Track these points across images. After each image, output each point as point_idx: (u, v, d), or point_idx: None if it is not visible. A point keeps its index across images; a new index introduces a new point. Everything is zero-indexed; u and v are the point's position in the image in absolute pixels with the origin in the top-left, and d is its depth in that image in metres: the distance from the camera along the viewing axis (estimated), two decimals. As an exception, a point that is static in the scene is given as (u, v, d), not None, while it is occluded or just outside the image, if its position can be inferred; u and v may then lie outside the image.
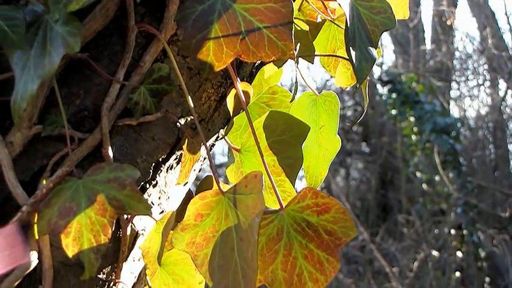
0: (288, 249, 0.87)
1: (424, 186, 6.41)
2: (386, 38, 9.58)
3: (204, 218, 0.85)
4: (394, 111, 6.59)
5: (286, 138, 1.09)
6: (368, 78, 1.06)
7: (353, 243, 6.76)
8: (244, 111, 1.16)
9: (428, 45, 9.46)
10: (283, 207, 0.88)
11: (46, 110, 0.83)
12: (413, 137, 6.43)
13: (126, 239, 0.87)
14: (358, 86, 0.95)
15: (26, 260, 0.78)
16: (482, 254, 5.74)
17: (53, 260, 0.81)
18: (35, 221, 0.79)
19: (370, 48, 0.97)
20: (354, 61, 0.93)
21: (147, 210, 0.80)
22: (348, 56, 0.93)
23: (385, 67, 8.87)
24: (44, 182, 0.80)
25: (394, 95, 6.55)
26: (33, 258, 0.79)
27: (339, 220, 0.84)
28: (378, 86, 7.60)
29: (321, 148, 1.16)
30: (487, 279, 5.69)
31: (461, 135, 6.35)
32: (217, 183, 0.87)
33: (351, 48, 0.93)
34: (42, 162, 0.83)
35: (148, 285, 1.03)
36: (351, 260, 6.76)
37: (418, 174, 6.56)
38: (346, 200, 7.24)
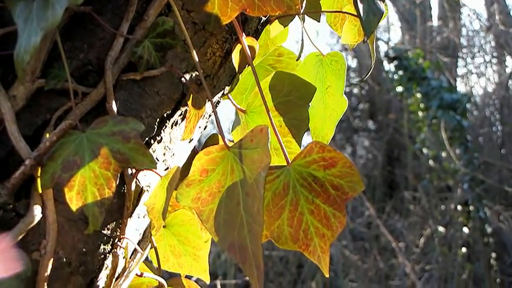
0: (294, 204, 0.87)
1: (431, 162, 6.39)
2: (393, 15, 9.51)
3: (209, 173, 0.84)
4: (400, 88, 6.56)
5: (292, 99, 1.08)
6: (375, 34, 1.04)
7: (360, 220, 6.77)
8: (248, 70, 1.15)
9: (435, 21, 9.39)
10: (289, 162, 0.87)
11: (49, 64, 0.82)
12: (420, 114, 6.40)
13: (131, 194, 0.86)
14: (365, 39, 0.94)
15: (18, 270, 0.77)
16: (489, 229, 5.73)
17: (56, 215, 0.80)
18: (38, 174, 0.79)
19: (378, 1, 0.95)
20: (362, 14, 0.91)
21: (151, 163, 0.80)
22: (356, 9, 0.92)
23: (391, 44, 8.82)
24: (47, 135, 0.80)
25: (400, 72, 6.51)
26: (37, 212, 0.78)
27: (345, 174, 0.83)
28: (384, 62, 7.56)
29: (328, 108, 1.15)
30: (493, 254, 5.68)
31: (468, 112, 6.31)
32: (223, 138, 0.86)
33: (358, 1, 0.92)
34: (45, 117, 0.82)
35: (153, 244, 1.03)
36: (357, 237, 6.76)
37: (425, 150, 6.54)
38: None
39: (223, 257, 5.88)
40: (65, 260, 0.82)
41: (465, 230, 5.87)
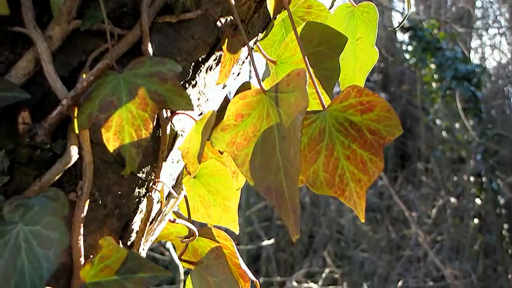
0: (330, 149, 0.86)
1: (444, 133, 6.37)
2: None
3: (244, 117, 0.84)
4: (414, 59, 6.51)
5: (323, 49, 1.07)
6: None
7: (371, 190, 6.77)
8: (278, 23, 1.14)
9: (449, -8, 9.28)
10: (326, 107, 0.86)
11: (85, 4, 0.81)
12: (434, 85, 6.36)
13: (166, 138, 0.86)
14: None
15: None
16: (501, 201, 5.73)
17: (92, 157, 0.80)
18: (75, 115, 0.78)
19: None
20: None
21: (188, 105, 0.79)
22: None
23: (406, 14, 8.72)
24: (84, 75, 0.79)
25: (414, 42, 6.46)
26: (74, 153, 0.78)
27: (383, 118, 0.83)
28: (398, 33, 7.50)
29: (358, 60, 1.13)
30: (506, 226, 5.68)
31: (482, 83, 6.26)
32: (259, 81, 0.85)
33: None
34: (81, 58, 0.81)
35: (184, 193, 1.03)
36: (368, 208, 6.77)
37: (438, 121, 6.52)
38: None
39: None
40: (100, 202, 0.82)
41: (477, 201, 5.86)
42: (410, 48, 6.63)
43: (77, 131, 0.78)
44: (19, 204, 0.72)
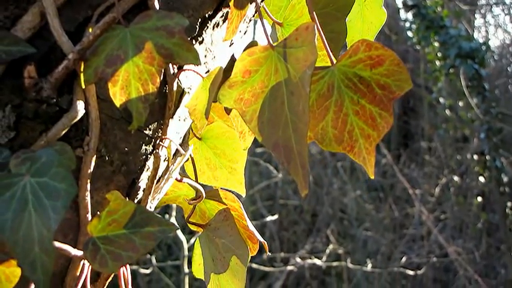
0: (338, 105, 0.85)
1: (447, 112, 6.35)
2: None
3: (252, 74, 0.83)
4: (417, 37, 6.48)
5: (330, 10, 1.06)
6: None
7: (375, 169, 6.76)
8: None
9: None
10: (334, 63, 0.85)
11: (89, -42, 0.80)
12: (438, 63, 6.33)
13: (173, 94, 0.85)
14: None
15: None
16: (505, 179, 5.72)
17: (99, 113, 0.79)
18: (81, 70, 0.77)
19: None
20: None
21: (195, 59, 0.78)
22: None
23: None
24: (90, 30, 0.78)
25: (418, 21, 6.42)
26: (80, 108, 0.77)
27: (393, 73, 0.81)
28: (402, 11, 7.46)
29: (365, 22, 1.12)
30: (509, 204, 5.68)
31: (486, 61, 6.23)
32: (267, 36, 0.84)
33: None
34: (87, 13, 0.80)
35: (190, 151, 1.02)
36: (371, 187, 6.77)
37: (442, 100, 6.49)
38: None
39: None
40: (107, 158, 0.81)
41: (481, 179, 5.86)
42: (413, 26, 6.59)
43: (83, 86, 0.78)
44: (26, 157, 0.71)
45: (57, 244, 0.72)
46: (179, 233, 3.27)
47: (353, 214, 6.22)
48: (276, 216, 4.72)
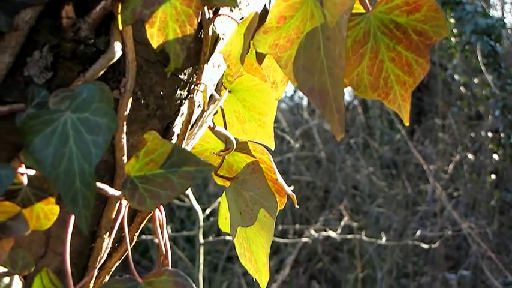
0: (374, 52, 0.85)
1: (462, 89, 6.31)
2: None
3: (287, 20, 0.82)
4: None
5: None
6: None
7: (387, 146, 6.75)
8: None
9: None
10: (370, 9, 0.84)
11: None
12: (453, 39, 6.28)
13: (208, 39, 0.85)
14: None
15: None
16: (519, 157, 5.69)
17: (136, 56, 0.79)
18: (119, 11, 0.77)
19: None
20: None
21: (233, 1, 0.78)
22: None
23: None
24: (128, -30, 0.78)
25: (433, -3, 6.35)
26: (117, 49, 0.77)
27: (430, 19, 0.81)
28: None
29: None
30: (523, 182, 5.66)
31: (502, 38, 6.17)
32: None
33: None
34: (123, -45, 0.80)
35: (221, 107, 1.02)
36: (384, 164, 6.76)
37: (456, 77, 6.45)
38: (380, 105, 7.19)
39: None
40: (143, 101, 0.81)
41: (495, 157, 5.83)
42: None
43: (120, 28, 0.77)
44: (65, 96, 0.72)
45: (94, 183, 0.73)
46: (194, 203, 3.28)
47: (366, 191, 6.22)
48: (292, 187, 4.72)
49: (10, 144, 0.74)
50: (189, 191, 3.28)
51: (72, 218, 0.74)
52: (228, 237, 4.09)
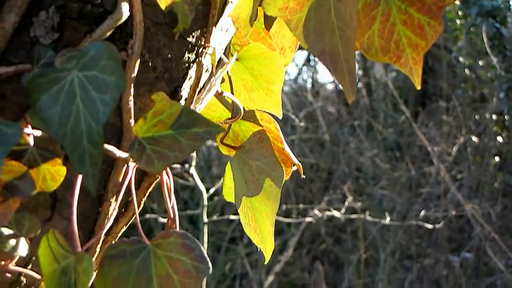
0: (385, 15, 0.83)
1: (467, 71, 6.28)
2: None
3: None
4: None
5: None
6: None
7: (391, 128, 6.73)
8: None
9: None
10: (382, -29, 0.83)
11: None
12: (458, 22, 6.24)
13: (216, 2, 0.83)
14: None
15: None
16: (524, 139, 5.67)
17: (143, 18, 0.78)
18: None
19: None
20: None
21: (242, -39, 0.76)
22: None
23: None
24: None
25: (439, -21, 6.31)
26: (125, 9, 0.76)
27: (443, -20, 0.79)
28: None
29: None
30: (527, 164, 5.64)
31: (507, 20, 6.14)
32: None
33: None
34: None
35: (228, 75, 1.01)
36: (387, 147, 6.74)
37: (461, 59, 6.42)
38: (384, 88, 7.17)
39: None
40: (150, 64, 0.80)
41: (499, 139, 5.81)
42: (434, -16, 6.47)
43: (127, -13, 0.76)
44: (72, 55, 0.70)
45: (101, 145, 0.72)
46: (199, 182, 3.27)
47: (369, 173, 6.21)
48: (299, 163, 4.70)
49: (16, 105, 0.73)
50: (193, 170, 3.27)
51: (79, 179, 0.73)
52: (232, 217, 4.09)
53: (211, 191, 3.75)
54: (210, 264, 0.72)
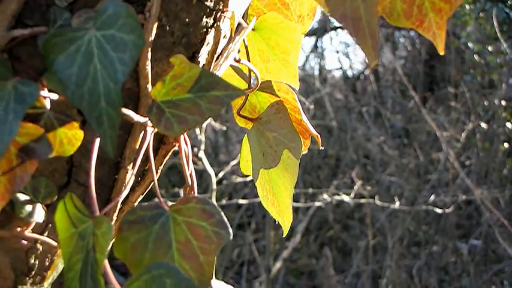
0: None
1: (476, 57, 6.23)
2: None
3: None
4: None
5: None
6: None
7: (399, 115, 6.70)
8: None
9: None
10: None
11: None
12: (467, 7, 6.19)
13: (235, -35, 0.81)
14: None
15: None
16: (533, 125, 5.63)
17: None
18: None
19: None
20: None
21: None
22: None
23: None
24: None
25: (448, -36, 6.26)
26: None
27: None
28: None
29: None
30: (536, 150, 5.61)
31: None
32: None
33: None
34: None
35: (245, 44, 0.99)
36: (396, 134, 6.72)
37: (470, 45, 6.37)
38: (392, 73, 7.13)
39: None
40: (168, 28, 0.78)
41: (508, 125, 5.78)
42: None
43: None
44: (88, 17, 0.69)
45: (119, 109, 0.70)
46: (207, 166, 3.25)
47: (377, 159, 6.19)
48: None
49: (32, 68, 0.71)
50: (202, 154, 3.26)
51: (97, 144, 0.71)
52: (241, 201, 4.08)
53: (220, 175, 3.73)
54: (230, 230, 0.70)
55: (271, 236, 5.58)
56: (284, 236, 1.04)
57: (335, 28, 7.43)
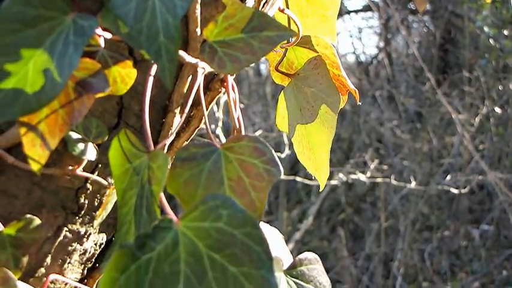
0: None
1: (491, 41, 6.20)
2: None
3: None
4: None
5: None
6: None
7: (413, 99, 6.69)
8: None
9: None
10: None
11: None
12: (483, -10, 6.15)
13: None
14: None
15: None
16: (548, 110, 5.61)
17: None
18: None
19: None
20: None
21: None
22: None
23: None
24: None
25: None
26: None
27: None
28: None
29: None
30: (550, 135, 5.59)
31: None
32: None
33: None
34: None
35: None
36: (409, 118, 6.70)
37: (486, 29, 6.34)
38: (406, 57, 7.11)
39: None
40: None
41: (523, 110, 5.76)
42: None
43: None
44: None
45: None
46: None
47: (390, 143, 6.18)
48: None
49: (84, 9, 0.72)
50: (219, 131, 3.27)
51: (150, 82, 0.72)
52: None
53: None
54: (281, 168, 0.71)
55: (283, 217, 5.59)
56: (320, 190, 1.04)
57: (349, 12, 7.40)
